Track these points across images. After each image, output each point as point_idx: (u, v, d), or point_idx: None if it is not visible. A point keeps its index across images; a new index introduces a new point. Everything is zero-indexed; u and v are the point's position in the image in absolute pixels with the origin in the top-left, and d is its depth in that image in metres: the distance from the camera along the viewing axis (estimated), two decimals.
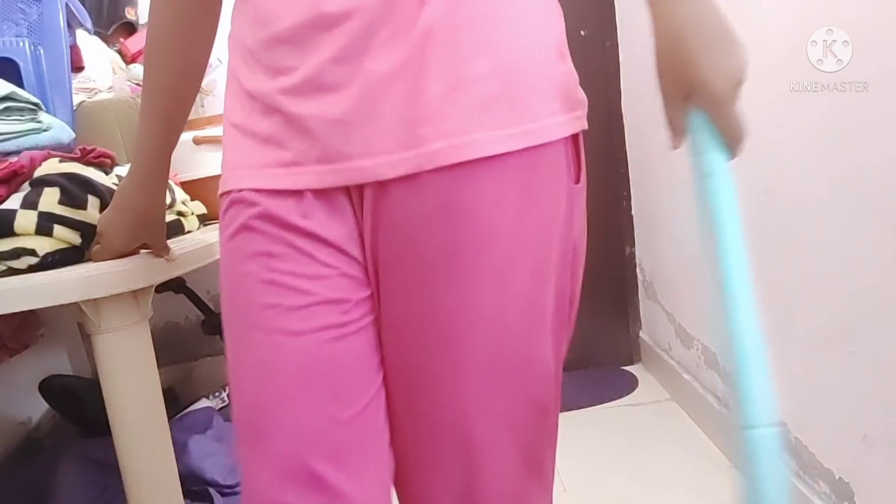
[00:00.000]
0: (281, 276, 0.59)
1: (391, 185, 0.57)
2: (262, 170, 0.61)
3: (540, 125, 0.58)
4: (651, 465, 1.62)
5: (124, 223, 0.80)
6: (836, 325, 1.13)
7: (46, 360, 1.61)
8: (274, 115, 0.60)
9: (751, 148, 1.34)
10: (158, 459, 0.86)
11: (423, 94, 0.55)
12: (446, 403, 0.60)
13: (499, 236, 0.58)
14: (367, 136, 0.56)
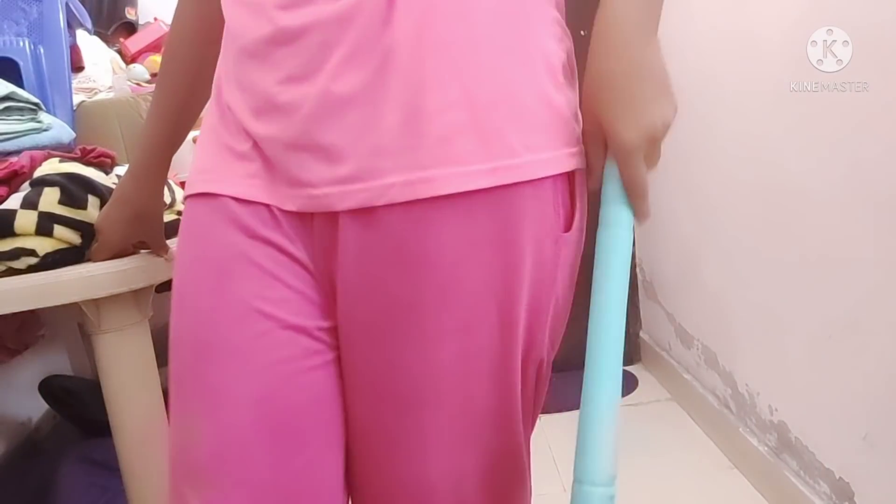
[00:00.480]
0: (242, 295, 0.54)
1: (345, 219, 0.52)
2: (235, 179, 0.57)
3: (518, 161, 0.51)
4: (651, 465, 1.61)
5: (122, 219, 0.80)
6: (837, 325, 1.13)
7: (46, 360, 1.61)
8: (241, 131, 0.57)
9: (751, 147, 1.35)
10: (158, 459, 0.85)
11: (381, 122, 0.50)
12: (408, 463, 0.56)
13: (465, 288, 0.52)
14: (319, 164, 0.51)
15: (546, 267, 0.55)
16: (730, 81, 1.40)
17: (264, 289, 0.54)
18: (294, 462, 0.54)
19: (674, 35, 1.67)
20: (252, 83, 0.54)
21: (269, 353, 0.54)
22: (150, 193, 0.79)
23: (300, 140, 0.52)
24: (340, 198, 0.51)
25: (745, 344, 1.49)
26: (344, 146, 0.51)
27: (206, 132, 0.64)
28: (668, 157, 1.29)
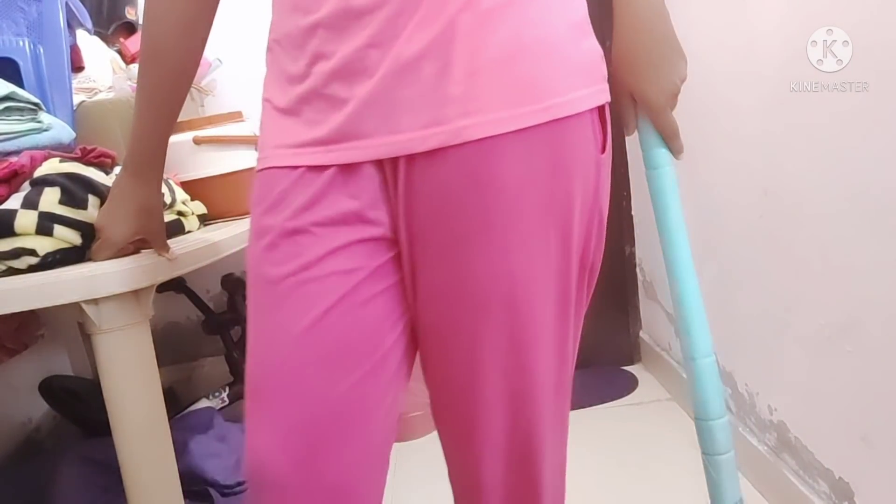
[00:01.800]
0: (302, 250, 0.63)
1: (422, 159, 0.61)
2: (299, 149, 0.65)
3: (564, 99, 0.62)
4: (651, 465, 1.62)
5: (124, 216, 0.81)
6: (836, 325, 1.13)
7: (46, 360, 1.61)
8: (313, 97, 0.64)
9: (751, 147, 1.35)
10: (158, 459, 0.86)
11: (449, 76, 0.59)
12: (479, 360, 0.65)
13: (527, 207, 0.62)
14: (399, 115, 0.60)
15: (590, 185, 0.65)
16: (729, 81, 1.40)
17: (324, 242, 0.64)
18: (343, 382, 0.63)
19: None
20: (328, 52, 0.62)
21: (328, 292, 0.63)
22: (150, 188, 0.81)
23: (380, 96, 0.60)
24: (422, 141, 0.60)
25: (745, 344, 1.49)
26: (420, 98, 0.60)
27: (268, 109, 0.70)
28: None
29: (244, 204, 1.22)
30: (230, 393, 1.47)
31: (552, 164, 0.62)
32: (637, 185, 2.13)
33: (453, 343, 0.66)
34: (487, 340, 0.64)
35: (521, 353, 0.65)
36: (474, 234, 0.62)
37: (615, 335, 2.24)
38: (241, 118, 1.28)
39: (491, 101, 0.60)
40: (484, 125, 0.60)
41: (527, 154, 0.61)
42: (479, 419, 0.67)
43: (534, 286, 0.64)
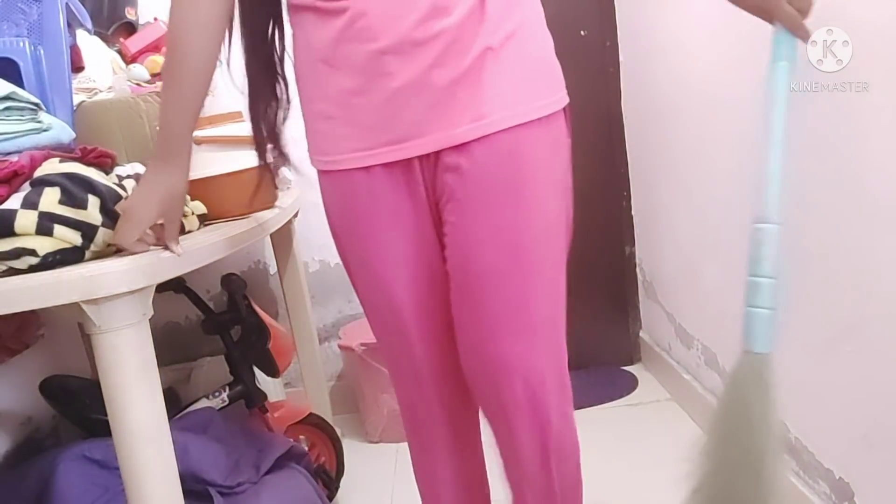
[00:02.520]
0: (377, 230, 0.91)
1: (469, 144, 0.84)
2: (371, 151, 0.86)
3: (553, 100, 0.89)
4: (651, 465, 1.61)
5: (151, 197, 0.88)
6: (837, 326, 1.13)
7: (47, 359, 1.61)
8: (376, 108, 0.84)
9: (751, 148, 1.34)
10: (158, 459, 0.86)
11: (488, 83, 0.83)
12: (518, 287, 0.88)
13: (546, 172, 0.88)
14: (450, 115, 0.84)
15: (566, 155, 0.93)
16: (729, 81, 1.40)
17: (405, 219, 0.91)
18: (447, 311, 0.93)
19: (673, 35, 1.67)
20: (388, 73, 0.82)
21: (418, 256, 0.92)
22: (177, 176, 0.90)
23: (435, 106, 0.83)
24: (472, 131, 0.84)
25: None
26: (462, 106, 0.83)
27: (320, 120, 0.90)
28: (667, 157, 1.29)
29: (244, 204, 1.23)
30: (230, 393, 1.47)
31: (555, 143, 0.89)
32: (637, 185, 2.13)
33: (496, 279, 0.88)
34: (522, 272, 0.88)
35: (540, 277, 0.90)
36: (511, 195, 0.86)
37: (615, 335, 2.24)
38: (241, 118, 1.28)
39: (518, 98, 0.85)
40: (517, 116, 0.84)
41: (544, 135, 0.87)
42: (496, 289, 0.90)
43: (552, 228, 0.90)
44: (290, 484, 1.33)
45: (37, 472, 1.18)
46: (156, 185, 0.89)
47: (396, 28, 0.80)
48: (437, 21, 0.80)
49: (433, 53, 0.81)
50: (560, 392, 0.94)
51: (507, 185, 0.86)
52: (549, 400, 0.92)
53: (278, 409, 1.56)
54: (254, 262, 2.08)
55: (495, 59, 0.83)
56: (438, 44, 0.81)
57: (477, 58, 0.82)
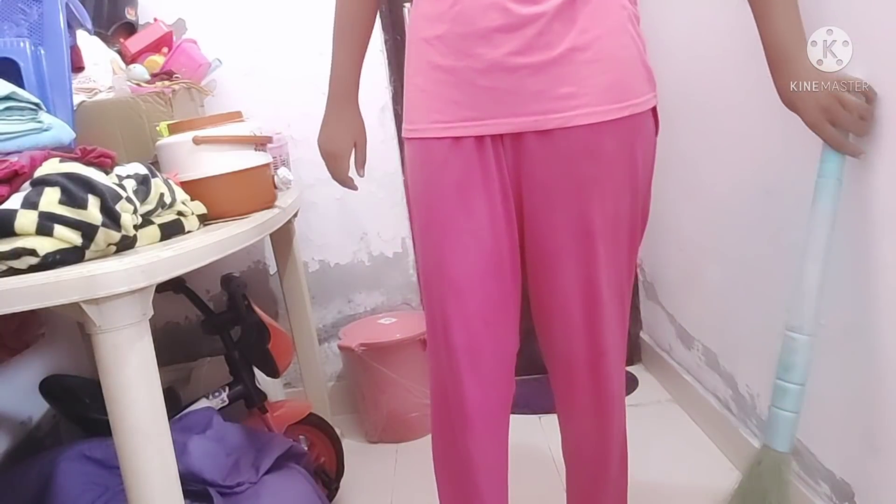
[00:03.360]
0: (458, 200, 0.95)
1: (554, 132, 0.89)
2: (451, 123, 0.93)
3: (638, 101, 0.92)
4: (651, 467, 1.61)
5: (342, 130, 1.12)
6: (837, 326, 1.13)
7: (47, 359, 1.61)
8: (462, 86, 0.91)
9: (753, 147, 1.34)
10: (158, 459, 0.86)
11: (568, 81, 0.87)
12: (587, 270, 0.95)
13: (617, 168, 0.92)
14: (527, 103, 0.89)
15: (650, 154, 0.99)
16: (731, 81, 1.40)
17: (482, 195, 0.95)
18: (500, 286, 0.98)
19: (674, 35, 1.67)
20: (479, 54, 0.88)
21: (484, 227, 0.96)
22: (354, 109, 1.15)
23: (519, 90, 0.89)
24: (555, 121, 0.89)
25: (746, 345, 1.49)
26: (547, 94, 0.88)
27: (417, 92, 0.97)
28: (669, 158, 1.29)
29: (244, 204, 1.23)
30: (230, 393, 1.47)
31: (631, 141, 0.93)
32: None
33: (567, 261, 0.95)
34: (593, 256, 0.94)
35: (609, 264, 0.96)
36: (585, 185, 0.91)
37: None
38: (241, 118, 1.28)
39: (598, 98, 0.88)
40: (597, 115, 0.88)
41: (618, 133, 0.90)
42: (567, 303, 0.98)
43: (621, 220, 0.95)
44: (289, 484, 1.33)
45: (37, 471, 1.18)
46: (341, 122, 1.12)
47: (489, 15, 0.86)
48: (528, 9, 0.86)
49: (521, 41, 0.86)
50: (618, 364, 1.03)
51: (583, 176, 0.91)
52: (609, 370, 1.00)
53: (278, 409, 1.56)
54: (254, 262, 2.08)
55: (584, 57, 0.87)
56: (527, 32, 0.86)
57: (564, 53, 0.86)
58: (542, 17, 0.86)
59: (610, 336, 0.99)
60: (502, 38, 0.87)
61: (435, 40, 0.92)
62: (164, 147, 1.21)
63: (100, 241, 0.87)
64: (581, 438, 1.08)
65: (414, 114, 0.98)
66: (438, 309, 0.98)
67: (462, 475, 1.02)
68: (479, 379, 0.98)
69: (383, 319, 2.01)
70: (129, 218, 0.91)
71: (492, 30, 0.87)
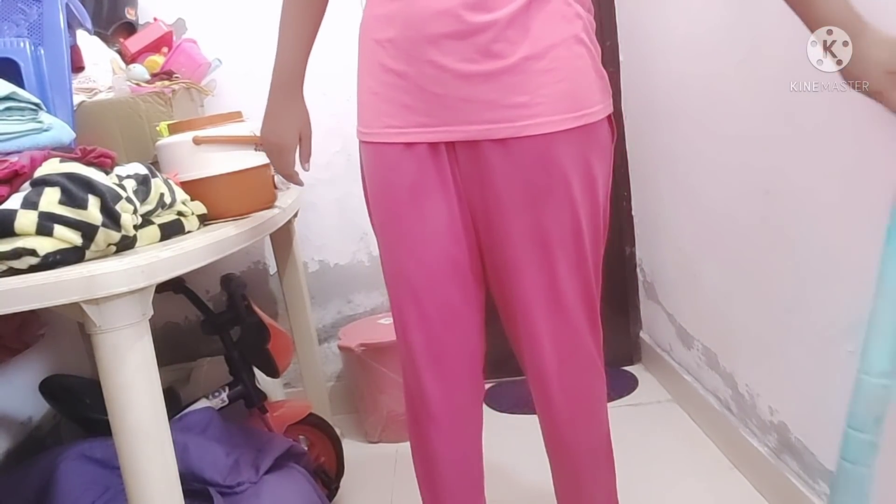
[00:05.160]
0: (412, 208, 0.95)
1: (508, 141, 0.88)
2: (404, 129, 0.92)
3: (594, 110, 0.91)
4: (651, 466, 1.61)
5: (286, 122, 1.05)
6: (837, 326, 1.13)
7: (47, 359, 1.61)
8: (414, 91, 0.89)
9: (751, 148, 1.34)
10: (158, 459, 0.86)
11: (523, 89, 0.86)
12: (547, 278, 0.94)
13: (574, 178, 0.91)
14: (490, 111, 0.87)
15: (606, 163, 0.96)
16: (730, 81, 1.40)
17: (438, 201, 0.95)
18: (462, 290, 0.99)
19: (674, 35, 1.67)
20: (431, 60, 0.87)
21: (442, 232, 0.96)
22: (298, 100, 1.06)
23: (473, 97, 0.87)
24: (508, 130, 0.88)
25: (746, 345, 1.49)
26: (500, 104, 0.87)
27: (369, 95, 0.95)
28: (668, 158, 1.29)
29: (244, 204, 1.23)
30: (230, 393, 1.47)
31: (587, 151, 0.91)
32: (637, 185, 2.13)
33: (527, 271, 0.94)
34: (551, 266, 0.94)
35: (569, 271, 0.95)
36: (541, 195, 0.90)
37: (615, 335, 2.24)
38: (241, 118, 1.28)
39: (553, 108, 0.87)
40: (553, 124, 0.88)
41: (574, 143, 0.89)
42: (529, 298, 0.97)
43: (579, 230, 0.93)
44: (289, 484, 1.33)
45: (38, 471, 1.18)
46: (286, 113, 1.05)
47: (440, 20, 0.85)
48: (480, 17, 0.84)
49: (473, 49, 0.85)
50: (590, 370, 1.02)
51: (538, 186, 0.90)
52: (580, 378, 1.01)
53: (278, 409, 1.56)
54: (254, 262, 2.08)
55: (538, 66, 0.86)
56: (479, 40, 0.84)
57: (518, 62, 0.85)
58: (494, 25, 0.84)
59: (578, 345, 0.99)
60: (454, 44, 0.85)
61: (386, 43, 0.91)
62: (164, 147, 1.21)
63: (100, 241, 0.87)
64: (559, 441, 1.08)
65: (367, 116, 0.97)
66: (400, 312, 1.01)
67: (431, 471, 1.07)
68: (441, 380, 1.01)
69: (383, 319, 2.00)
70: (129, 218, 0.91)
71: (443, 36, 0.85)
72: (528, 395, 1.08)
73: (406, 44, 0.88)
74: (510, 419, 1.93)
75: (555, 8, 0.87)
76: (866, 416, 0.86)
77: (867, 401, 0.85)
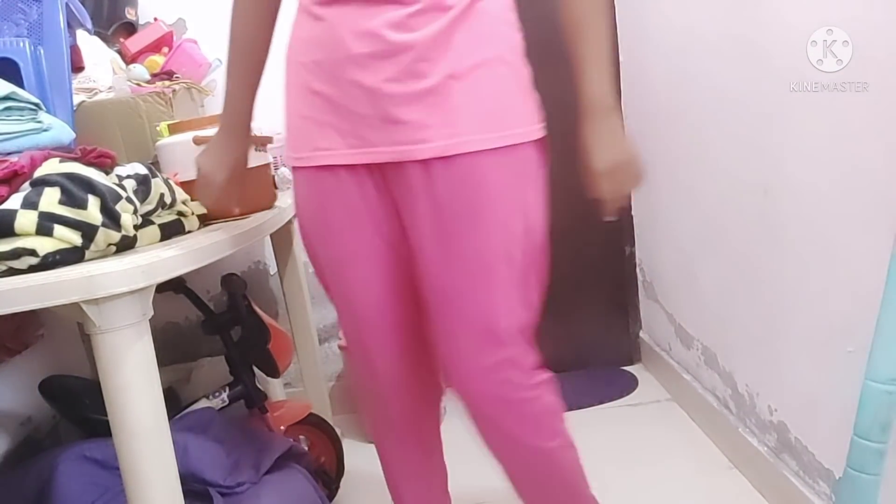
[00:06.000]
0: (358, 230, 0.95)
1: (432, 162, 0.87)
2: (334, 151, 0.91)
3: (519, 131, 0.90)
4: (651, 466, 1.62)
5: (222, 162, 1.01)
6: (837, 326, 1.13)
7: (46, 359, 1.61)
8: (341, 112, 0.89)
9: (751, 148, 1.34)
10: (158, 459, 0.86)
11: (445, 110, 0.86)
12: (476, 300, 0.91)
13: (504, 198, 0.89)
14: (414, 131, 0.86)
15: (537, 188, 0.93)
16: (729, 81, 1.40)
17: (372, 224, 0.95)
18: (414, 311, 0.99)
19: (673, 35, 1.67)
20: (356, 81, 0.86)
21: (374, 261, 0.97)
22: (241, 143, 1.04)
23: (399, 118, 0.86)
24: (432, 150, 0.86)
25: (745, 344, 1.49)
26: (430, 122, 0.86)
27: (295, 118, 0.96)
28: (669, 158, 1.29)
29: (244, 204, 1.22)
30: (230, 393, 1.47)
31: (514, 174, 0.89)
32: None
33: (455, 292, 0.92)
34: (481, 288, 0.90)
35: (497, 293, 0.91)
36: (469, 216, 0.88)
37: (615, 335, 2.24)
38: None
39: (480, 127, 0.87)
40: (464, 144, 0.86)
41: (502, 163, 0.88)
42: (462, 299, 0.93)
43: (511, 250, 0.90)
44: (290, 484, 1.33)
45: (37, 472, 1.18)
46: (223, 152, 1.02)
47: (364, 41, 0.85)
48: (402, 36, 0.84)
49: (396, 68, 0.85)
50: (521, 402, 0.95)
51: (465, 208, 0.88)
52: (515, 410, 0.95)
53: (278, 409, 1.56)
54: (254, 262, 2.08)
55: (461, 86, 0.85)
56: (402, 60, 0.84)
57: (441, 81, 0.85)
58: (417, 45, 0.84)
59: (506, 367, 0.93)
60: (377, 64, 0.85)
61: (312, 65, 0.90)
62: (164, 147, 1.21)
63: (100, 241, 0.87)
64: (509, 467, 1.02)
65: (296, 140, 0.96)
66: (355, 339, 1.04)
67: (388, 478, 1.16)
68: (399, 398, 1.07)
69: None
70: (129, 218, 0.91)
71: (366, 56, 0.85)
72: None
73: (331, 65, 0.88)
74: None
75: (479, 28, 0.86)
76: (873, 424, 0.86)
77: (874, 408, 0.86)
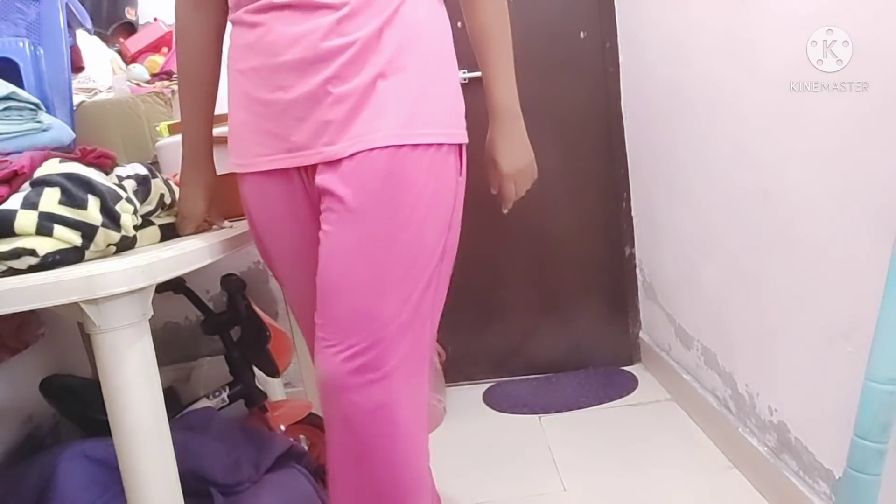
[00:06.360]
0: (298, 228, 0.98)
1: (353, 157, 0.89)
2: (274, 156, 0.94)
3: (439, 132, 0.92)
4: (651, 466, 1.62)
5: (196, 195, 1.07)
6: (837, 327, 1.13)
7: (47, 359, 1.61)
8: (277, 117, 0.91)
9: (751, 148, 1.34)
10: (158, 459, 0.86)
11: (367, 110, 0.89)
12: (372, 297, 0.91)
13: (424, 195, 0.91)
14: (337, 132, 0.89)
15: (451, 193, 0.96)
16: (729, 81, 1.40)
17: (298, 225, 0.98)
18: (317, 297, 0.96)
19: (673, 36, 1.67)
20: (288, 85, 0.89)
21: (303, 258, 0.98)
22: (207, 172, 1.08)
23: (326, 121, 0.89)
24: (346, 148, 0.89)
25: (745, 344, 1.49)
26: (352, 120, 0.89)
27: (237, 126, 0.98)
28: (668, 158, 1.29)
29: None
30: (230, 393, 1.47)
31: (438, 172, 0.92)
32: (636, 185, 2.13)
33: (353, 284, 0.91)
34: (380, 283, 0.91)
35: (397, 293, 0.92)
36: (387, 210, 0.89)
37: (615, 335, 2.24)
38: None
39: (406, 124, 0.90)
40: (401, 138, 0.89)
41: (424, 160, 0.91)
42: None
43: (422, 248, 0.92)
44: (290, 483, 1.33)
45: (37, 471, 1.18)
46: (193, 185, 1.07)
47: (297, 46, 0.88)
48: (333, 42, 0.87)
49: (326, 74, 0.88)
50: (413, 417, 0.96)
51: (377, 201, 0.89)
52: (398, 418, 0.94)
53: (278, 408, 1.56)
54: (253, 262, 2.08)
55: (385, 85, 0.89)
56: (332, 65, 0.87)
57: (368, 83, 0.88)
58: (348, 49, 0.87)
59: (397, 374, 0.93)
60: (311, 69, 0.88)
61: (250, 72, 0.93)
62: (164, 147, 1.21)
63: (99, 241, 0.87)
64: None
65: (239, 148, 0.98)
66: (299, 321, 1.07)
67: None
68: None
69: None
70: (128, 218, 0.91)
71: (300, 61, 0.88)
72: (526, 395, 1.08)
73: (266, 72, 0.90)
74: (509, 419, 1.93)
75: (406, 32, 0.90)
76: (873, 424, 0.86)
77: (874, 408, 0.86)
